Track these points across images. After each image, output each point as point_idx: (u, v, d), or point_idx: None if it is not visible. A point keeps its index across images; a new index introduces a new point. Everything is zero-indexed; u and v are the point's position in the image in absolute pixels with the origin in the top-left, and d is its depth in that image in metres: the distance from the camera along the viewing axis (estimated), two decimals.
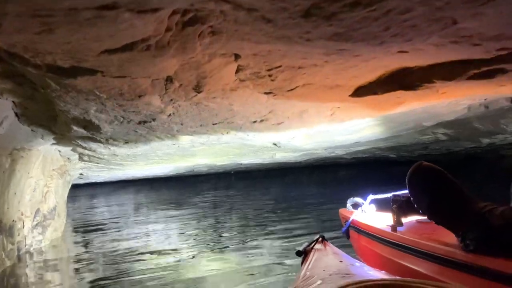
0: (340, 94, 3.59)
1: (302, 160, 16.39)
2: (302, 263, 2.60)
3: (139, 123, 4.91)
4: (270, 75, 3.11)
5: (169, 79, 3.15)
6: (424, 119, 6.50)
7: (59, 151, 7.56)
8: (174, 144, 7.11)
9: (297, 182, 17.48)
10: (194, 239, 6.55)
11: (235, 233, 6.74)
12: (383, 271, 2.28)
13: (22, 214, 6.38)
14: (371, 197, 3.38)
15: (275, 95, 3.73)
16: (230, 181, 20.12)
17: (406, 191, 2.36)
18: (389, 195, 2.87)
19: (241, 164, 16.56)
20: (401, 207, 2.65)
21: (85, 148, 6.84)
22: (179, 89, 3.37)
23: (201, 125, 5.03)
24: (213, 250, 5.48)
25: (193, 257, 5.20)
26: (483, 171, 14.57)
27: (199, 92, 3.45)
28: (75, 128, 5.29)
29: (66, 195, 8.71)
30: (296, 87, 3.41)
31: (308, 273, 2.13)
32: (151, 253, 5.72)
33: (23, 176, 6.49)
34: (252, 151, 10.16)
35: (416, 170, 2.18)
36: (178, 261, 5.08)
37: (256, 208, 9.80)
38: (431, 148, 15.26)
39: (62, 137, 6.18)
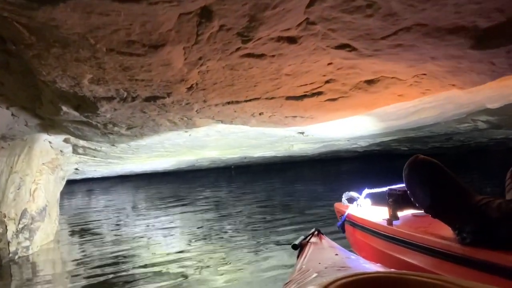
0: (456, 45, 2.32)
1: (308, 154, 15.64)
2: (298, 256, 2.59)
3: (148, 99, 3.73)
4: (369, 5, 1.92)
5: (206, 14, 1.97)
6: (491, 99, 5.33)
7: (50, 142, 6.60)
8: (186, 132, 5.95)
9: (300, 176, 16.91)
10: (197, 239, 6.05)
11: (240, 231, 6.37)
12: (378, 264, 2.27)
13: (4, 217, 5.68)
14: (366, 191, 3.37)
15: (351, 51, 2.51)
16: (231, 176, 19.72)
17: (402, 185, 2.34)
18: (384, 189, 2.85)
19: (245, 158, 15.77)
20: (397, 201, 2.63)
21: (79, 136, 5.70)
22: (217, 34, 2.19)
23: (228, 103, 3.82)
24: (218, 251, 5.18)
25: (198, 260, 4.83)
26: (492, 164, 14.33)
27: (246, 41, 2.26)
28: (64, 108, 4.17)
29: (58, 192, 7.73)
30: (399, 30, 2.19)
31: (303, 266, 2.12)
32: (155, 263, 4.94)
33: (5, 171, 5.77)
34: (270, 142, 9.01)
35: (413, 164, 2.15)
36: (183, 269, 4.56)
37: (261, 205, 9.26)
38: (454, 139, 14.22)
39: (51, 123, 5.14)
